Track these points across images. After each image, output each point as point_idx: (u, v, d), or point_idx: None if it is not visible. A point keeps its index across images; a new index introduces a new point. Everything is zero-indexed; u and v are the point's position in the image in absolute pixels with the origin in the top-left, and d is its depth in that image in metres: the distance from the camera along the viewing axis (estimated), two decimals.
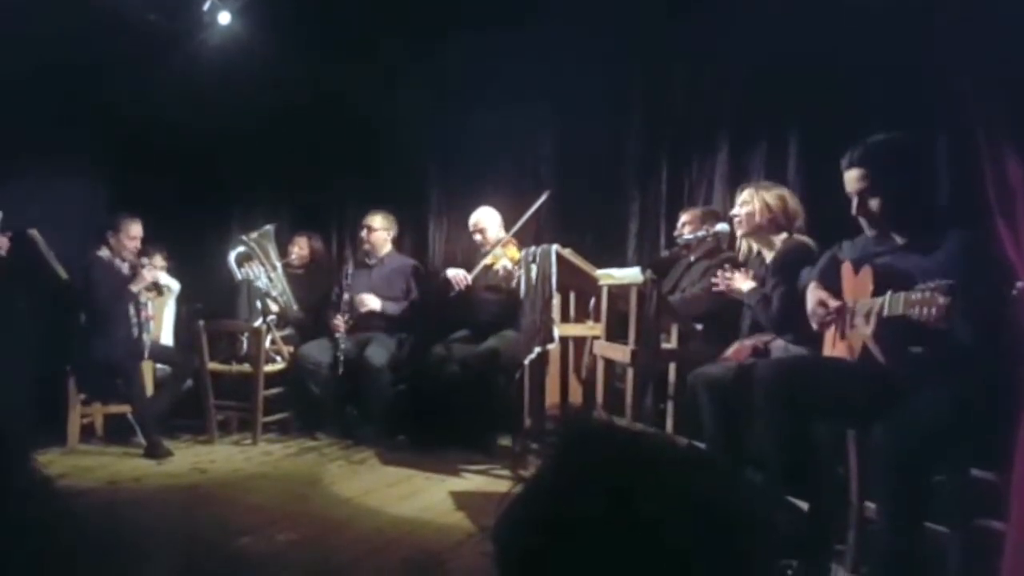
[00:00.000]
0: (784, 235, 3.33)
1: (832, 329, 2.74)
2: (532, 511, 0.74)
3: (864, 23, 3.45)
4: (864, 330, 2.48)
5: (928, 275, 2.27)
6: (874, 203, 2.55)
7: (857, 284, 2.61)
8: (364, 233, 5.23)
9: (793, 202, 3.34)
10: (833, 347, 2.73)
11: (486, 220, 4.94)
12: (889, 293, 2.32)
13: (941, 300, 2.12)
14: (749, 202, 3.35)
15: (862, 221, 2.62)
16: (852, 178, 2.58)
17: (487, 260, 4.76)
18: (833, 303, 2.66)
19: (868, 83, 3.58)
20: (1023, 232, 2.07)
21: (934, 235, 2.46)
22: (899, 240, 2.58)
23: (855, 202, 2.59)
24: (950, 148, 3.04)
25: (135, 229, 4.78)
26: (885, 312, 2.32)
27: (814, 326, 2.77)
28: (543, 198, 4.59)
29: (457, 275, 4.88)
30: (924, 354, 2.36)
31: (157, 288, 5.01)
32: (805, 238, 3.31)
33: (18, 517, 0.87)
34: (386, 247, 5.31)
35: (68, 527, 0.94)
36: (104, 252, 4.73)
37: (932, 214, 2.57)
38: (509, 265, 4.55)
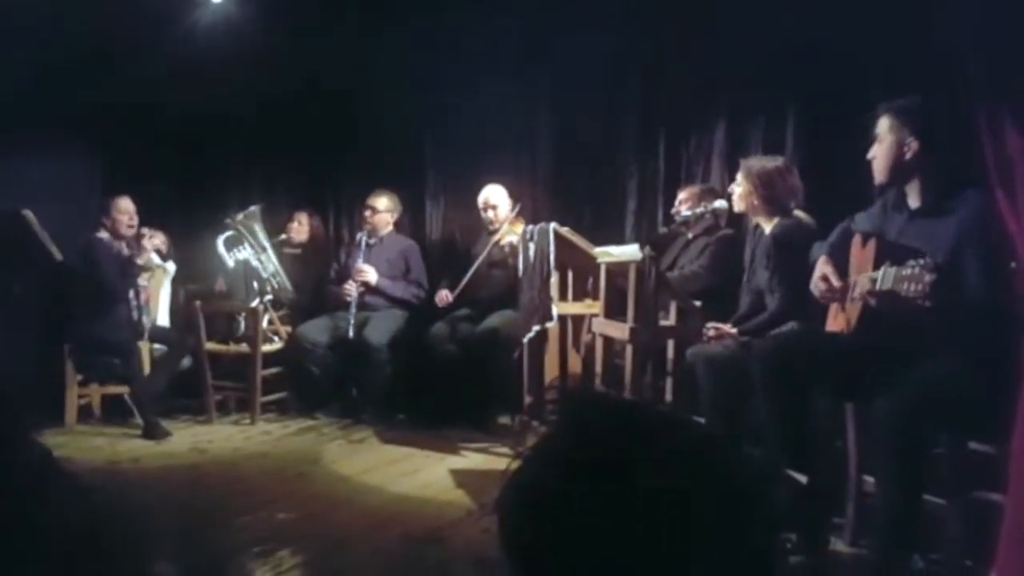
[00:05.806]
0: (779, 216, 3.30)
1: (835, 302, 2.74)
2: (535, 480, 0.73)
3: None
4: (860, 303, 2.48)
5: (937, 243, 2.25)
6: (905, 155, 2.51)
7: (862, 257, 2.60)
8: (368, 214, 5.19)
9: (784, 174, 3.29)
10: (834, 319, 2.73)
11: (496, 197, 4.89)
12: (884, 267, 2.30)
13: (927, 277, 2.12)
14: (739, 181, 3.36)
15: (877, 176, 2.61)
16: (885, 127, 2.55)
17: (496, 237, 4.76)
18: (836, 281, 2.65)
19: (867, 57, 3.55)
20: (1022, 203, 2.05)
21: (950, 197, 2.44)
22: (913, 204, 2.57)
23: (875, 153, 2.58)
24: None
25: (125, 204, 4.74)
26: (878, 286, 2.32)
27: (816, 295, 2.76)
28: None
29: (440, 295, 4.98)
30: (922, 326, 2.36)
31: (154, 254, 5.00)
32: (802, 215, 3.30)
33: (21, 491, 0.87)
34: (387, 227, 5.29)
35: (71, 502, 0.93)
36: (103, 234, 4.70)
37: (949, 176, 2.54)
38: (515, 240, 4.50)
